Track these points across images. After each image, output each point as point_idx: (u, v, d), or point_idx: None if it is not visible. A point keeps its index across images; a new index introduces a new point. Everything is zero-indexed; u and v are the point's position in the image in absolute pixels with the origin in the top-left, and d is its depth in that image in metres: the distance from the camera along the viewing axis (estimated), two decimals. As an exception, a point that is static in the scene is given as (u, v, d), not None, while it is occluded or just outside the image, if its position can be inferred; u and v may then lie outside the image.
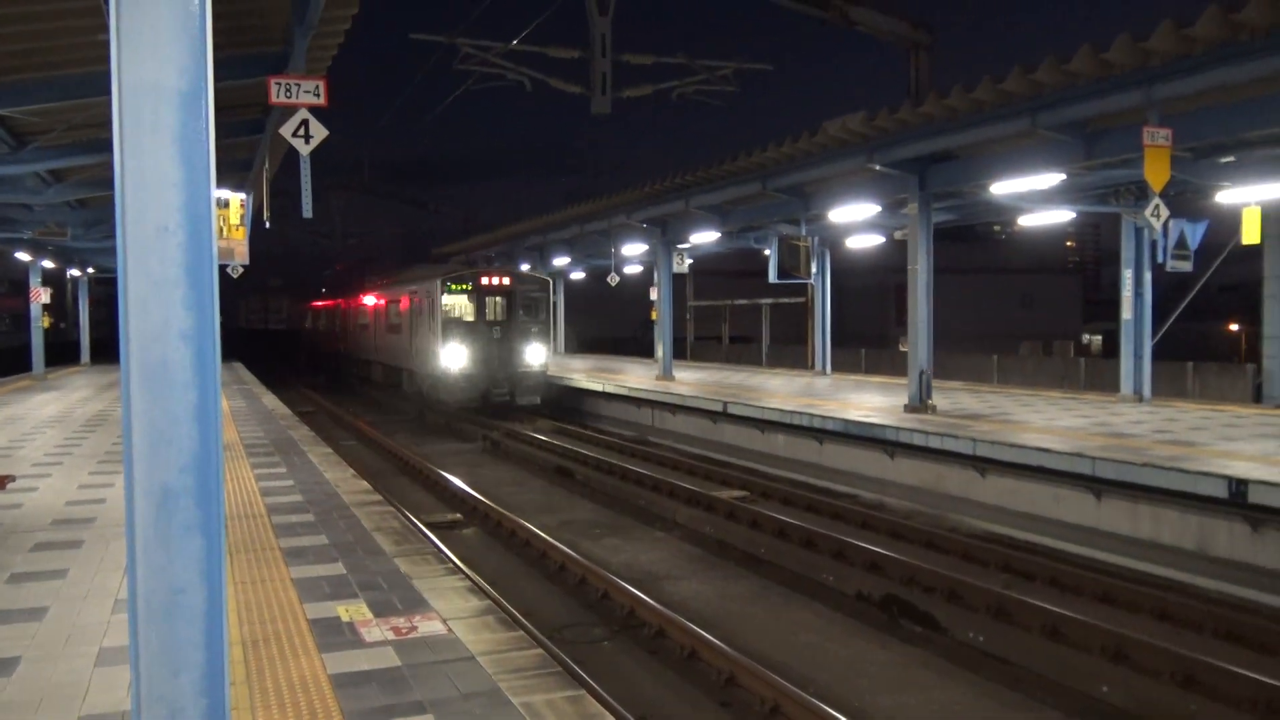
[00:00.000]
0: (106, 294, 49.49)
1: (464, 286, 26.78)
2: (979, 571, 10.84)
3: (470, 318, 26.83)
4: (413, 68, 25.23)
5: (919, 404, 16.94)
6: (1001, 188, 15.76)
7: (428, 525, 13.24)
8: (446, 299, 26.57)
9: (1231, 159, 14.61)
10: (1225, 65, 11.03)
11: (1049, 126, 13.44)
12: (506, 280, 27.36)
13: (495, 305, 27.27)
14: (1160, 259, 16.77)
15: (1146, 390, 17.87)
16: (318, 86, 9.15)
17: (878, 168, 16.70)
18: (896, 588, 10.14)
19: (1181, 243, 16.57)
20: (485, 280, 27.12)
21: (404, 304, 30.63)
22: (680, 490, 15.26)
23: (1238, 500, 9.91)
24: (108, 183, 16.34)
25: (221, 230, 12.51)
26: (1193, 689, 7.52)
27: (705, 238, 25.21)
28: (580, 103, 16.91)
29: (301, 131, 9.12)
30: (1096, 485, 11.69)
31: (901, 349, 23.98)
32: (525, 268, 34.09)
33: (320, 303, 54.29)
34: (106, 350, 39.38)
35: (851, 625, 9.62)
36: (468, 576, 8.56)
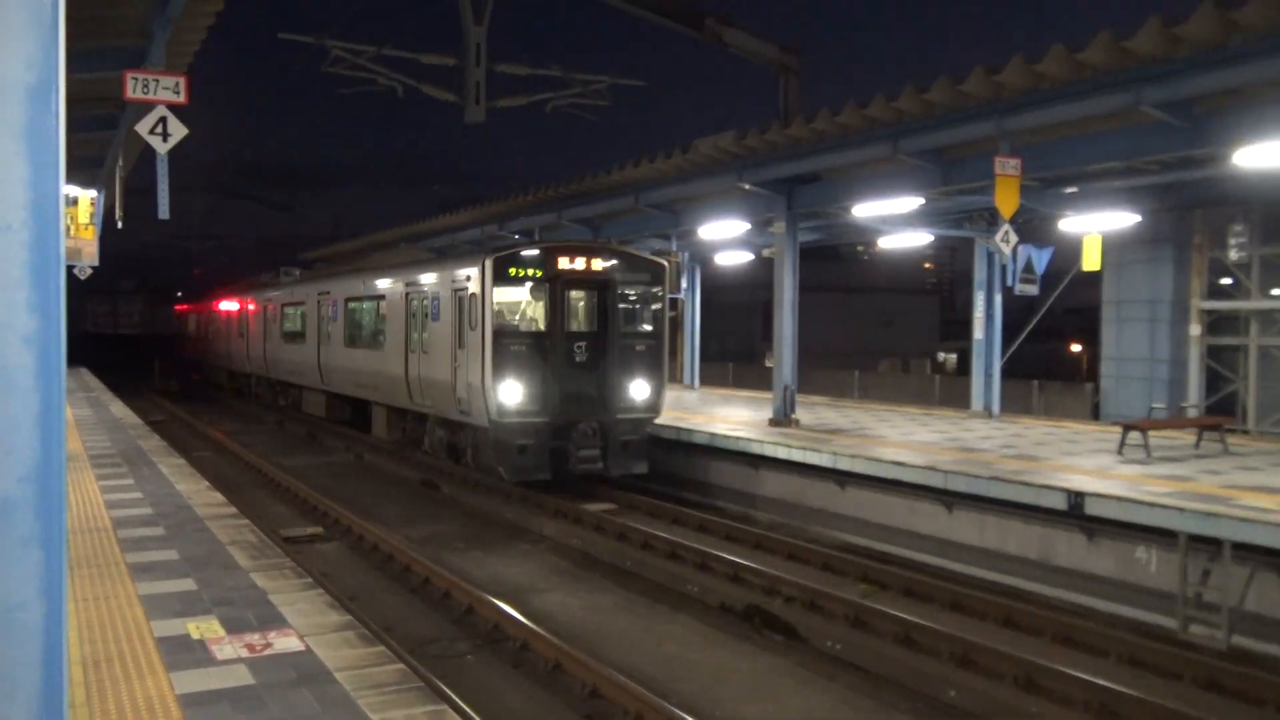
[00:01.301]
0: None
1: (529, 272, 15.83)
2: (838, 582, 11.16)
3: (539, 325, 16.03)
4: (280, 68, 24.62)
5: (783, 418, 17.34)
6: (864, 210, 16.31)
7: (286, 539, 12.85)
8: (500, 292, 15.79)
9: (1075, 189, 15.52)
10: (1070, 101, 11.71)
11: (909, 152, 14.00)
12: (600, 262, 16.25)
13: (580, 306, 16.65)
14: (1010, 282, 17.68)
15: (996, 407, 18.74)
16: (178, 83, 8.83)
17: (747, 186, 17.07)
18: (759, 598, 10.35)
19: (1029, 267, 17.48)
20: (565, 262, 15.97)
21: (404, 303, 19.38)
22: (548, 503, 15.22)
23: (1076, 512, 10.49)
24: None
25: (69, 229, 11.92)
26: (1034, 691, 7.92)
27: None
28: (454, 111, 16.75)
29: (159, 129, 8.78)
30: (948, 498, 12.19)
31: (768, 364, 24.53)
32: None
33: (200, 304, 45.73)
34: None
35: (715, 635, 9.77)
36: (327, 591, 8.35)
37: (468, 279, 16.11)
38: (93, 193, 12.25)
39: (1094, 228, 16.40)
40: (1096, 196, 15.66)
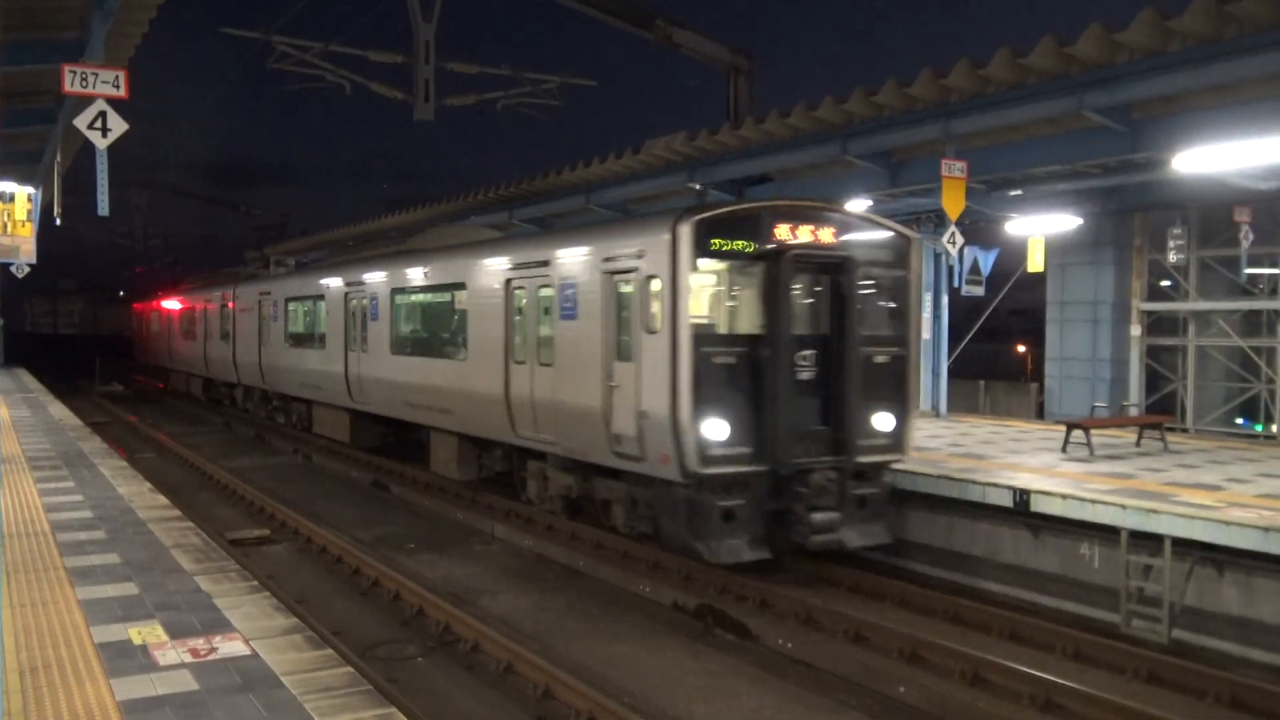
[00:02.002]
0: None
1: (737, 245, 10.58)
2: (789, 581, 11.20)
3: (754, 327, 10.78)
4: (225, 64, 24.19)
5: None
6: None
7: (233, 542, 12.64)
8: (699, 277, 10.61)
9: (1019, 192, 15.78)
10: (1015, 105, 11.90)
11: (858, 154, 14.14)
12: (833, 232, 11.06)
13: (807, 298, 11.23)
14: (956, 283, 17.91)
15: (943, 406, 18.98)
16: (118, 77, 8.64)
17: (698, 187, 17.12)
18: (712, 598, 10.37)
19: (975, 269, 17.75)
20: (785, 230, 10.75)
21: (504, 293, 13.68)
22: (499, 505, 15.14)
23: (1021, 509, 10.64)
24: (-128, 170, 14.91)
25: (5, 226, 11.63)
26: (980, 686, 8.02)
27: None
28: (403, 109, 16.62)
29: (99, 124, 8.60)
30: (897, 497, 12.29)
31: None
32: None
33: (163, 301, 38.46)
34: None
35: (668, 636, 9.77)
36: (274, 594, 8.22)
37: (639, 255, 10.63)
38: (30, 189, 11.95)
39: (1038, 230, 16.68)
40: (1040, 199, 15.94)
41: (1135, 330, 18.35)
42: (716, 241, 10.32)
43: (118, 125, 8.67)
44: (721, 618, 9.89)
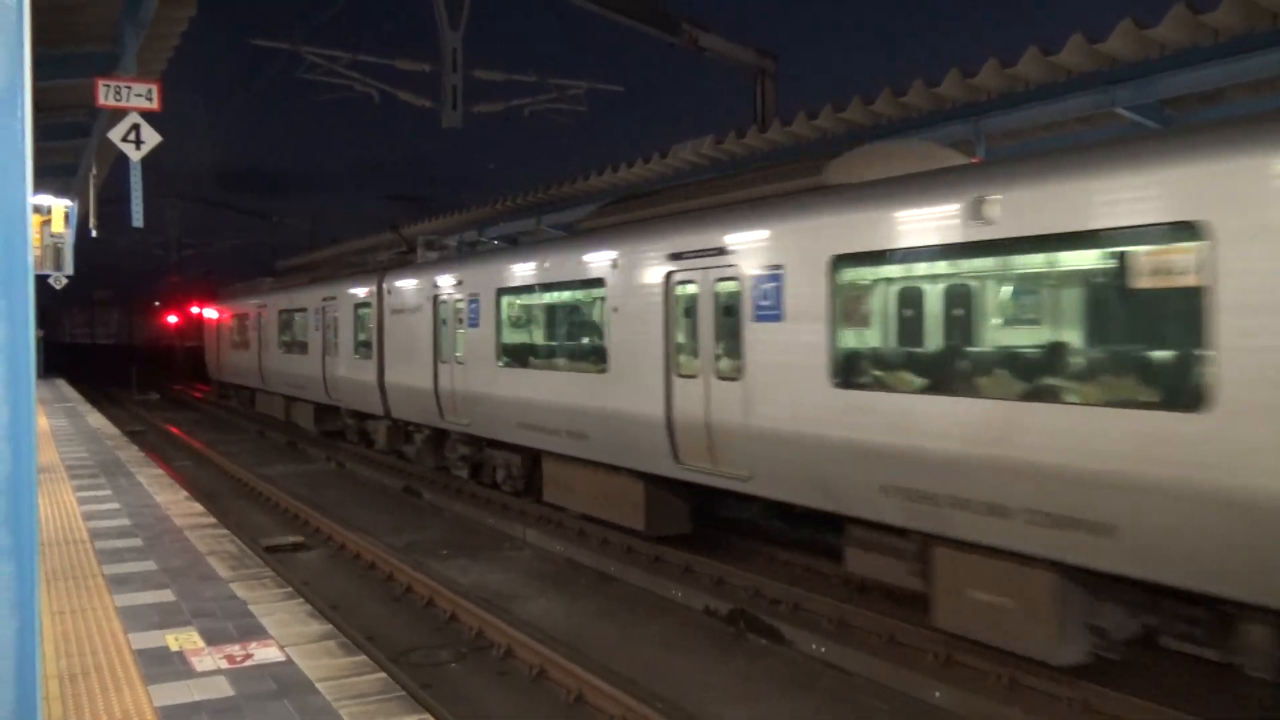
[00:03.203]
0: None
1: None
2: (822, 586, 11.14)
3: None
4: (256, 75, 24.48)
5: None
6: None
7: (267, 549, 12.75)
8: None
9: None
10: (1045, 103, 11.78)
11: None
12: None
13: None
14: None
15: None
16: (150, 90, 8.77)
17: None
18: (744, 602, 10.33)
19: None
20: None
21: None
22: (530, 510, 15.18)
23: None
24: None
25: (42, 238, 11.81)
26: (1016, 693, 7.93)
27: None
28: (431, 117, 16.73)
29: (132, 136, 8.72)
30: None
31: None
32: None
33: (241, 305, 31.02)
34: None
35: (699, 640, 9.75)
36: (308, 601, 8.28)
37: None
38: (66, 202, 12.14)
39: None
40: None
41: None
42: None
43: (150, 137, 8.80)
44: (754, 622, 9.85)
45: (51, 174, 16.17)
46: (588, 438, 12.39)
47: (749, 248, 9.79)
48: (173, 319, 66.33)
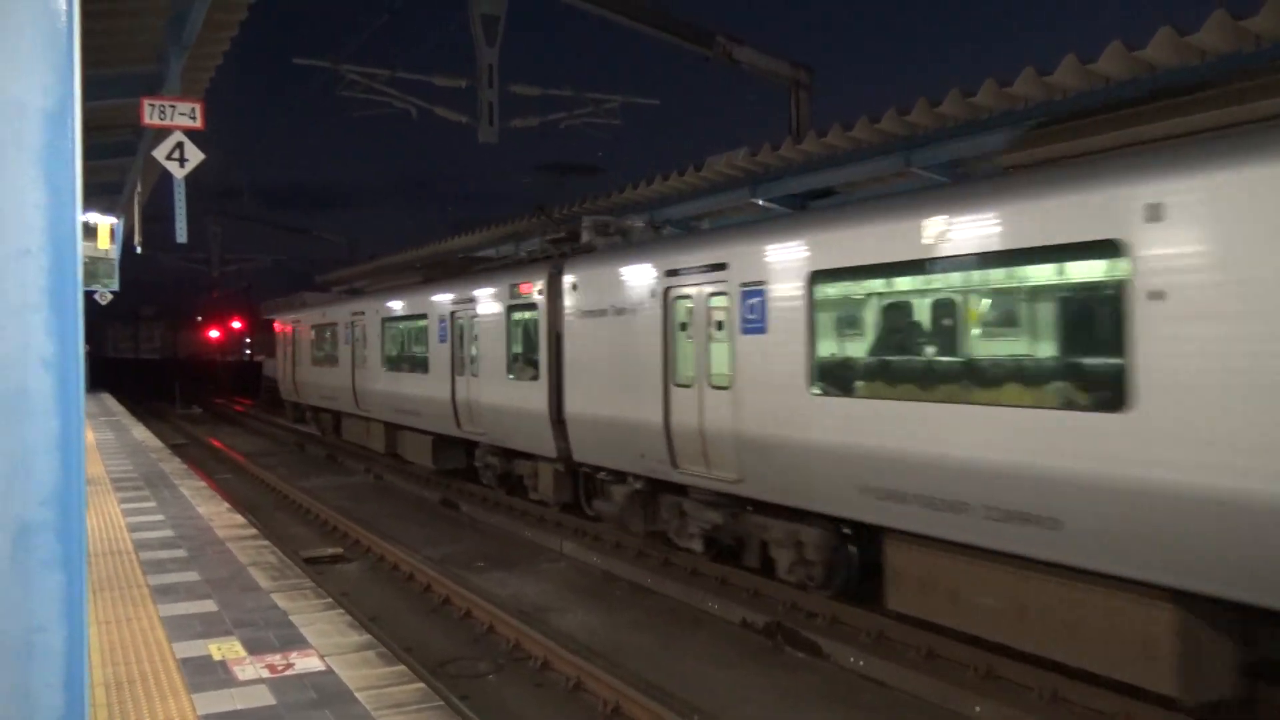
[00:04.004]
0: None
1: None
2: (860, 599, 11.06)
3: None
4: (295, 92, 24.82)
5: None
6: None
7: (307, 560, 12.88)
8: None
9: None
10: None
11: (923, 165, 13.98)
12: None
13: None
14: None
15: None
16: (194, 109, 8.93)
17: (761, 202, 17.06)
18: (781, 615, 10.28)
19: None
20: None
21: None
22: (567, 522, 15.22)
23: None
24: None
25: (88, 254, 12.06)
26: (1059, 706, 7.83)
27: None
28: (467, 132, 16.87)
29: (176, 154, 8.89)
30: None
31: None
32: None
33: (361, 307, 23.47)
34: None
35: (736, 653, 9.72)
36: (347, 611, 8.36)
37: None
38: (112, 219, 12.39)
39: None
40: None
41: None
42: None
43: (194, 155, 8.96)
44: (791, 635, 9.80)
45: (98, 192, 16.49)
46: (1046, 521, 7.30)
47: None
48: (214, 334, 67.32)
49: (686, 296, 11.47)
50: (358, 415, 23.76)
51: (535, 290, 14.91)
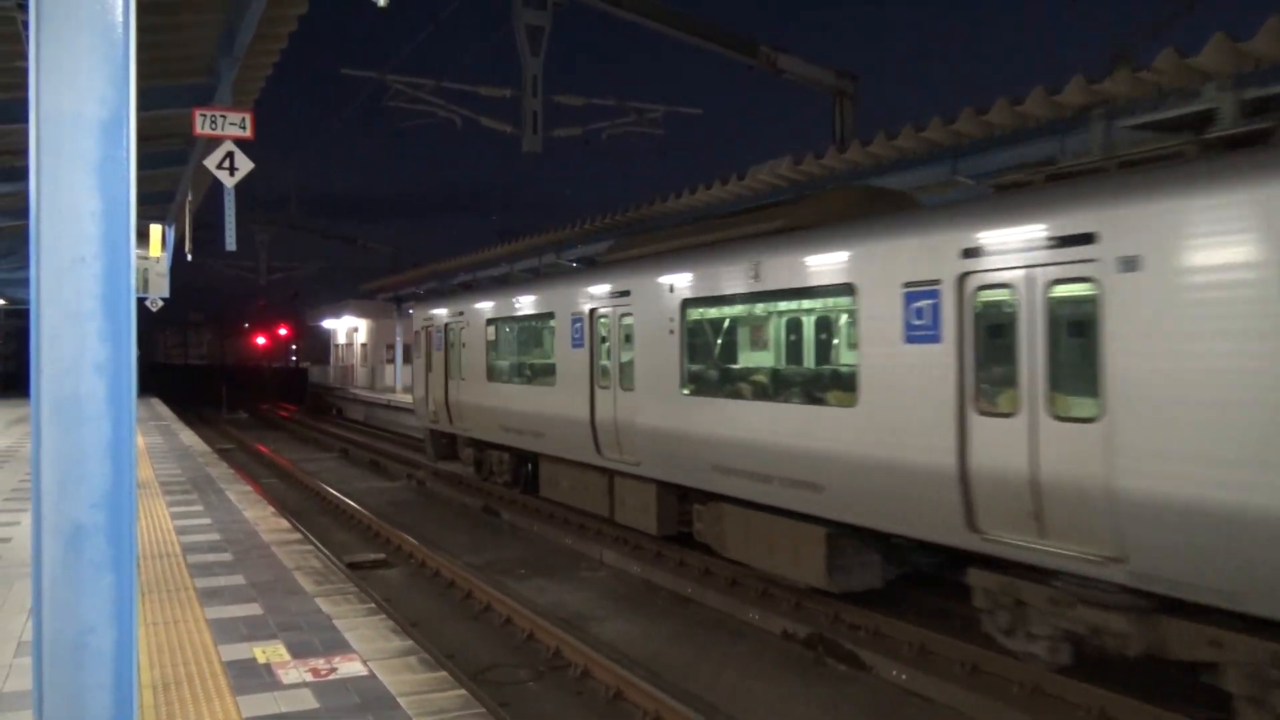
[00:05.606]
0: (17, 327, 47.98)
1: None
2: (903, 612, 10.94)
3: None
4: (343, 103, 25.17)
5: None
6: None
7: (351, 565, 12.99)
8: None
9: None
10: (1133, 119, 11.50)
11: (969, 174, 13.84)
12: None
13: None
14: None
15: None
16: (244, 119, 9.07)
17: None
18: (823, 627, 10.20)
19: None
20: None
21: None
22: (606, 531, 15.21)
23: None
24: (22, 212, 15.90)
25: (140, 262, 12.27)
26: (1107, 724, 7.69)
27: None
28: (511, 142, 16.99)
29: (226, 164, 9.03)
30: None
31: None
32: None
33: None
34: (18, 385, 38.11)
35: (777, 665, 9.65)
36: (390, 617, 8.42)
37: None
38: (164, 226, 12.62)
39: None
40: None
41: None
42: None
43: (244, 164, 9.10)
44: (833, 647, 9.71)
45: (150, 201, 16.81)
46: None
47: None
48: (261, 340, 68.21)
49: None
50: (597, 467, 14.27)
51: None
